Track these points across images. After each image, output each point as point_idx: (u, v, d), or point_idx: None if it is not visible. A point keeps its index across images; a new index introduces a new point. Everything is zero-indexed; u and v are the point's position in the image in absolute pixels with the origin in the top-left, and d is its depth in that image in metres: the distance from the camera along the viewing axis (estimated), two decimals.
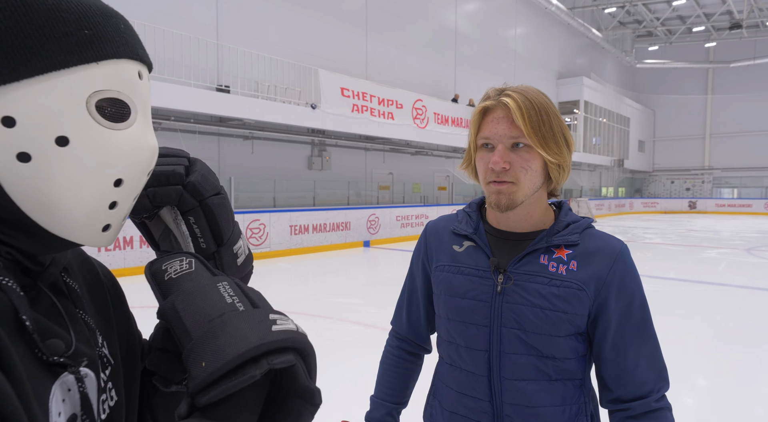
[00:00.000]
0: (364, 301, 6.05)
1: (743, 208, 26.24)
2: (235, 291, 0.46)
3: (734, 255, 10.53)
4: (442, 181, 16.56)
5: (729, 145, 29.47)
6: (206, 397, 0.39)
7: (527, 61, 21.13)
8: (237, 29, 10.57)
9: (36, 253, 0.44)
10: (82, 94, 0.41)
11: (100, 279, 0.58)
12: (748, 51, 27.48)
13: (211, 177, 0.62)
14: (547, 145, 0.86)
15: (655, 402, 0.87)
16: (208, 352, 0.40)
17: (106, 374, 0.50)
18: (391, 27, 14.42)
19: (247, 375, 0.39)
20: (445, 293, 0.97)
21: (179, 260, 0.51)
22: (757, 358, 4.02)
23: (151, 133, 0.49)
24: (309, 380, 0.43)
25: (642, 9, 25.05)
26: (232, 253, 0.63)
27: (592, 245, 0.91)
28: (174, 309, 0.45)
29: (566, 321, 0.87)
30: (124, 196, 0.46)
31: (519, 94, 0.87)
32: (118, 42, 0.44)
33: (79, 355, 0.44)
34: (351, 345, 4.21)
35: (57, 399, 0.41)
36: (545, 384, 0.89)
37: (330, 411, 3.04)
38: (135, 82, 0.46)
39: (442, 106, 14.26)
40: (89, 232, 0.45)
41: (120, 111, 0.44)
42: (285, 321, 0.44)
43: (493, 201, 0.90)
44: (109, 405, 0.49)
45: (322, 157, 12.43)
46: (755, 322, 5.12)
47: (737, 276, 7.91)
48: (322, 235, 10.45)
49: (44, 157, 0.40)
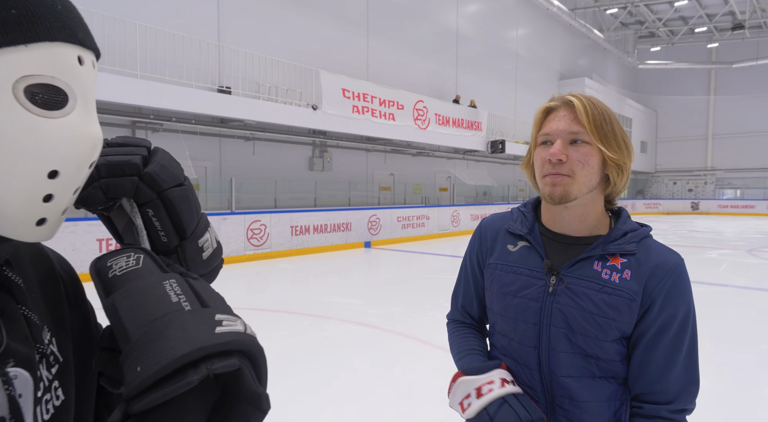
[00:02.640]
0: (364, 302, 6.06)
1: (746, 208, 26.15)
2: (183, 289, 0.44)
3: (736, 256, 10.50)
4: (443, 181, 16.57)
5: (732, 146, 29.38)
6: (140, 404, 0.36)
7: (529, 62, 21.12)
8: (238, 31, 10.61)
9: None
10: (7, 78, 0.38)
11: (55, 273, 0.56)
12: (751, 52, 27.41)
13: (173, 167, 0.59)
14: (608, 143, 0.90)
15: (667, 412, 0.88)
16: (145, 355, 0.38)
17: (52, 372, 0.48)
18: (392, 28, 14.45)
19: (184, 382, 0.36)
20: (498, 290, 1.01)
21: (126, 256, 0.49)
22: (756, 359, 4.02)
23: (94, 123, 0.45)
24: (257, 384, 0.41)
25: (644, 10, 25.02)
26: (196, 247, 0.60)
27: (648, 256, 0.92)
28: (113, 308, 0.42)
29: (614, 327, 0.89)
30: (61, 188, 0.43)
31: (585, 97, 0.93)
32: (53, 24, 0.40)
33: (8, 355, 0.42)
34: (350, 345, 4.22)
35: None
36: (589, 381, 0.91)
37: (328, 408, 3.06)
38: (74, 68, 0.42)
39: (444, 107, 14.27)
40: (21, 226, 0.42)
41: (54, 98, 0.41)
42: (232, 322, 0.41)
43: (547, 192, 0.92)
44: (54, 405, 0.47)
45: (323, 157, 12.45)
46: (754, 323, 5.11)
47: (738, 277, 7.89)
48: (323, 236, 10.48)
49: None
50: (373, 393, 3.27)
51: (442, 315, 5.36)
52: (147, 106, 8.23)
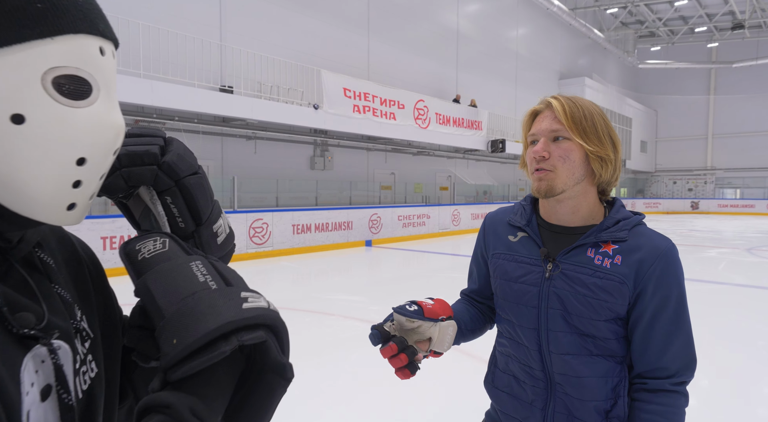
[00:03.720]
0: (365, 299, 6.12)
1: (746, 208, 26.18)
2: (208, 270, 0.47)
3: (735, 254, 10.56)
4: (443, 181, 16.62)
5: (731, 146, 29.42)
6: (177, 373, 0.40)
7: (529, 62, 21.16)
8: (240, 30, 10.67)
9: (2, 231, 0.44)
10: (36, 70, 0.40)
11: (79, 256, 0.59)
12: (751, 51, 27.44)
13: (188, 157, 0.62)
14: (587, 137, 0.97)
15: (670, 384, 0.96)
16: (179, 329, 0.41)
17: (86, 347, 0.51)
18: (393, 28, 14.50)
19: (217, 352, 0.40)
20: (501, 278, 1.10)
21: (153, 240, 0.52)
22: (753, 356, 4.08)
23: (117, 111, 0.47)
24: (281, 355, 0.44)
25: (644, 9, 25.05)
26: (211, 232, 0.63)
27: (638, 242, 0.99)
28: (147, 288, 0.45)
29: (606, 308, 0.97)
30: (89, 174, 0.45)
31: (565, 98, 1.01)
32: (75, 16, 0.42)
33: (51, 328, 0.45)
34: (352, 341, 4.28)
35: (29, 370, 0.42)
36: (587, 358, 0.99)
37: (332, 403, 3.12)
38: (96, 59, 0.44)
39: (444, 107, 14.32)
40: (53, 211, 0.44)
41: (79, 88, 0.43)
42: (257, 299, 0.45)
43: (535, 187, 1.01)
44: (90, 377, 0.50)
45: (324, 157, 12.51)
46: (752, 321, 5.17)
47: (736, 275, 7.95)
48: (325, 235, 10.53)
49: (0, 136, 0.40)
50: (376, 388, 3.33)
51: None
52: (150, 105, 8.29)
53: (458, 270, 8.41)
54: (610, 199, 1.08)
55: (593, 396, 0.98)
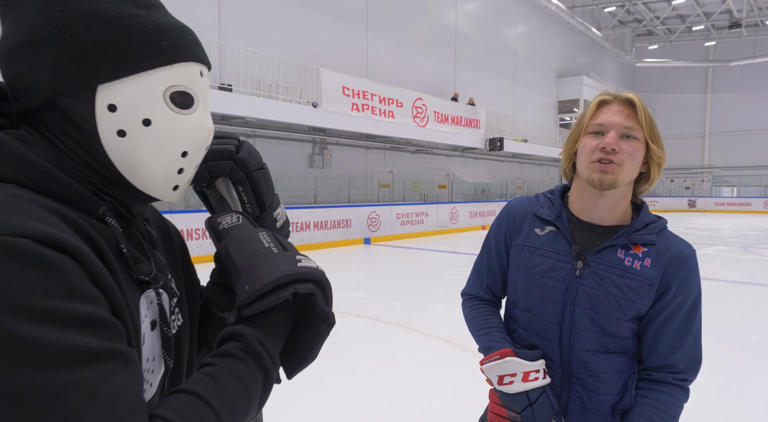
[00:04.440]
0: (365, 296, 6.16)
1: (742, 206, 26.31)
2: (271, 239, 0.62)
3: (731, 252, 10.64)
4: (442, 179, 16.66)
5: (728, 144, 29.53)
6: (248, 310, 0.54)
7: (527, 60, 21.20)
8: (239, 29, 10.68)
9: (128, 204, 0.59)
10: (161, 88, 0.55)
11: (170, 233, 0.75)
12: (748, 50, 27.54)
13: (256, 155, 0.77)
14: (656, 141, 1.00)
15: (672, 378, 0.99)
16: (250, 279, 0.55)
17: (173, 302, 0.65)
18: (392, 26, 14.52)
19: (277, 296, 0.54)
20: (524, 270, 1.09)
21: (230, 216, 0.67)
22: (747, 350, 4.14)
23: (209, 118, 0.62)
24: (325, 305, 0.58)
25: (642, 8, 25.11)
26: (272, 218, 0.78)
27: (667, 246, 1.02)
28: (226, 249, 0.60)
29: (633, 308, 0.99)
30: (189, 164, 0.60)
31: (636, 96, 1.01)
32: (186, 49, 0.58)
33: (157, 279, 0.59)
34: (352, 337, 4.33)
35: (144, 306, 0.56)
36: (604, 356, 1.02)
37: (332, 398, 3.17)
38: (198, 79, 0.59)
39: (442, 105, 14.35)
40: (164, 190, 0.59)
41: (187, 101, 0.58)
42: (309, 261, 0.59)
43: (597, 178, 0.99)
44: (177, 324, 0.66)
45: (323, 155, 12.54)
46: (746, 316, 5.24)
47: (732, 272, 8.02)
48: (324, 232, 10.57)
49: (135, 134, 0.55)
50: (377, 382, 3.38)
51: (442, 309, 5.47)
52: None
53: (456, 268, 8.46)
54: (639, 202, 1.10)
55: (608, 391, 1.01)
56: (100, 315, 0.44)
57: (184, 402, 0.48)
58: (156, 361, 0.59)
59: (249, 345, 0.53)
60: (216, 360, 0.52)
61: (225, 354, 0.53)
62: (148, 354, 0.57)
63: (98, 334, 0.43)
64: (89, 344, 0.42)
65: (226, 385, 0.50)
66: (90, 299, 0.44)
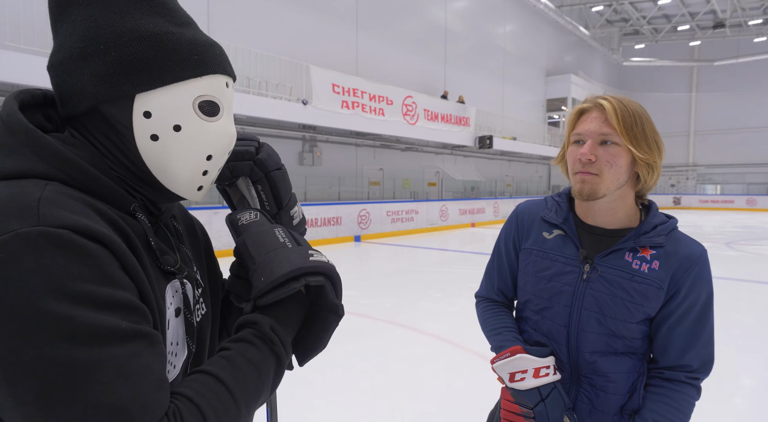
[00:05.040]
0: (356, 293, 6.18)
1: (726, 203, 26.80)
2: (286, 234, 0.67)
3: (715, 248, 10.84)
4: (431, 176, 16.72)
5: (712, 143, 30.04)
6: (263, 300, 0.60)
7: (516, 59, 21.33)
8: (228, 25, 10.60)
9: (157, 201, 0.65)
10: (191, 97, 0.60)
11: (195, 229, 0.81)
12: (731, 50, 28.02)
13: (275, 156, 0.82)
14: (637, 144, 0.95)
15: (685, 377, 0.99)
16: (266, 271, 0.60)
17: (198, 292, 0.70)
18: (382, 24, 14.50)
19: (291, 287, 0.59)
20: (533, 274, 1.09)
21: (249, 213, 0.72)
22: (729, 343, 4.24)
23: (232, 125, 0.67)
24: (335, 297, 0.64)
25: (629, 7, 25.40)
26: (289, 216, 0.82)
27: (675, 248, 1.00)
28: (244, 243, 0.66)
29: (641, 311, 0.99)
30: (213, 167, 0.65)
31: (615, 99, 0.98)
32: (215, 63, 0.63)
33: (183, 270, 0.64)
34: (344, 334, 4.34)
35: (169, 294, 0.61)
36: (612, 357, 1.02)
37: (324, 393, 3.19)
38: (224, 90, 0.64)
39: (432, 103, 14.39)
40: (189, 190, 0.64)
41: (213, 109, 0.63)
42: (320, 256, 0.65)
43: (577, 189, 1.00)
44: (201, 313, 0.71)
45: (313, 152, 12.51)
46: (728, 310, 5.36)
47: (716, 268, 8.12)
48: (314, 230, 10.56)
49: (166, 138, 0.60)
50: (369, 378, 3.40)
51: (433, 306, 5.51)
52: None
53: (446, 265, 8.52)
54: (646, 202, 1.08)
55: (616, 391, 1.02)
56: (129, 300, 0.49)
57: (202, 381, 0.52)
58: (180, 345, 0.64)
59: (263, 332, 0.58)
60: (232, 345, 0.57)
61: (241, 340, 0.57)
62: (172, 338, 0.61)
63: (128, 317, 0.48)
64: (120, 325, 0.46)
65: (241, 367, 0.55)
66: (121, 285, 0.49)
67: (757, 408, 3.04)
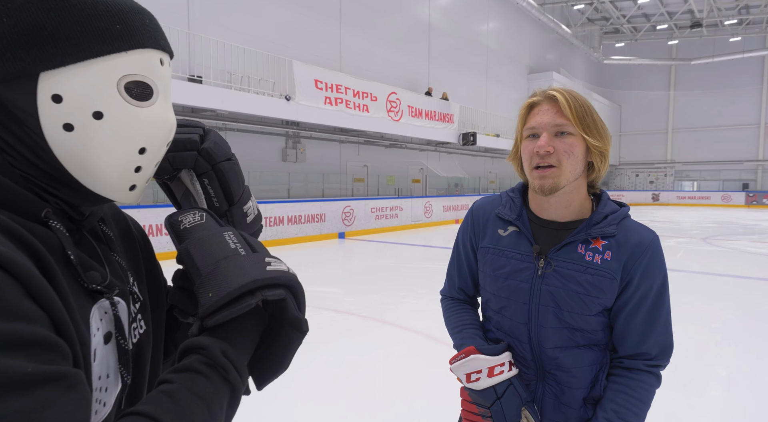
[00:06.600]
0: (340, 290, 6.16)
1: (702, 200, 27.47)
2: (238, 239, 0.56)
3: (692, 243, 11.10)
4: (416, 173, 16.75)
5: (689, 140, 30.72)
6: (212, 320, 0.48)
7: (499, 56, 21.47)
8: (209, 19, 10.42)
9: (78, 205, 0.53)
10: (113, 77, 0.49)
11: (131, 230, 0.68)
12: (708, 49, 28.67)
13: (223, 145, 0.70)
14: (590, 132, 0.97)
15: (644, 365, 1.00)
16: (214, 285, 0.49)
17: (136, 307, 0.59)
18: (366, 20, 14.43)
19: (245, 304, 0.48)
20: (490, 273, 1.09)
21: (192, 213, 0.60)
22: (707, 337, 4.35)
23: (170, 111, 0.56)
24: (298, 311, 0.53)
25: (609, 6, 25.75)
26: (242, 212, 0.71)
27: (627, 236, 1.00)
28: (188, 251, 0.54)
29: (597, 303, 0.99)
30: (147, 162, 0.54)
31: (566, 91, 0.99)
32: (144, 35, 0.52)
33: (113, 286, 0.54)
34: (328, 332, 4.32)
35: (96, 318, 0.51)
36: (574, 351, 1.02)
37: (308, 391, 3.16)
38: (157, 68, 0.53)
39: (416, 100, 14.40)
40: (119, 190, 0.53)
41: (144, 92, 0.52)
42: (278, 264, 0.53)
43: (537, 185, 0.99)
44: (139, 332, 0.60)
45: (296, 149, 12.41)
46: (705, 304, 5.49)
47: (693, 263, 8.38)
48: (297, 227, 10.48)
49: (84, 128, 0.49)
50: (355, 376, 3.39)
51: (418, 302, 5.51)
52: None
53: (431, 262, 8.54)
54: (598, 192, 1.08)
55: (580, 384, 1.02)
56: (38, 335, 0.38)
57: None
58: (111, 378, 0.53)
59: (213, 359, 0.48)
60: (175, 377, 0.47)
61: (186, 370, 0.47)
62: (100, 371, 0.51)
63: (36, 356, 0.38)
64: (24, 369, 0.36)
65: (186, 405, 0.45)
66: (27, 317, 0.39)
67: (733, 400, 3.12)
